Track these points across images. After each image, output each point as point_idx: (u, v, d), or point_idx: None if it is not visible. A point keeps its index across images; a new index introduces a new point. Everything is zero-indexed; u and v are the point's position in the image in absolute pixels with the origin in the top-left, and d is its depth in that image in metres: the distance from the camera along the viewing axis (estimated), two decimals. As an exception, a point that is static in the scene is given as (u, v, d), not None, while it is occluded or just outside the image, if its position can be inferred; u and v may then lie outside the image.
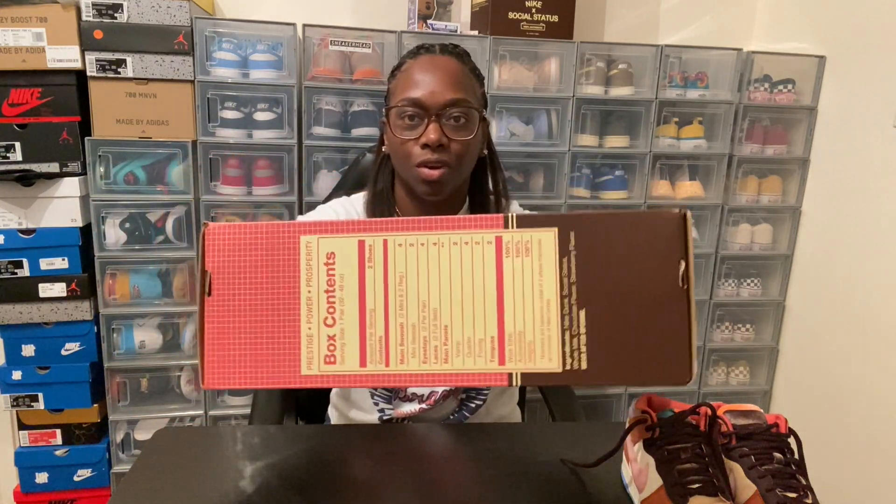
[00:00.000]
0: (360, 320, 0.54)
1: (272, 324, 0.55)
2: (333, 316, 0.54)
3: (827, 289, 1.83)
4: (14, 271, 1.58)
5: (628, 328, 0.52)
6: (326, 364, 0.54)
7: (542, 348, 0.52)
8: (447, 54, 0.96)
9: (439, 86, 0.91)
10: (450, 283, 0.53)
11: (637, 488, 0.69)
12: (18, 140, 1.55)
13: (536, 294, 0.52)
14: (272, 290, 0.55)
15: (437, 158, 0.90)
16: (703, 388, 2.02)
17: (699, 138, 1.86)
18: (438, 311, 0.53)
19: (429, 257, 0.54)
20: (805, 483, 0.64)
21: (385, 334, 0.53)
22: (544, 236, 0.53)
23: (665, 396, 0.77)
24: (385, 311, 0.54)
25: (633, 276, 0.52)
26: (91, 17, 1.52)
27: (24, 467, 1.71)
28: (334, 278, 0.55)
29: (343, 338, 0.54)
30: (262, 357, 0.55)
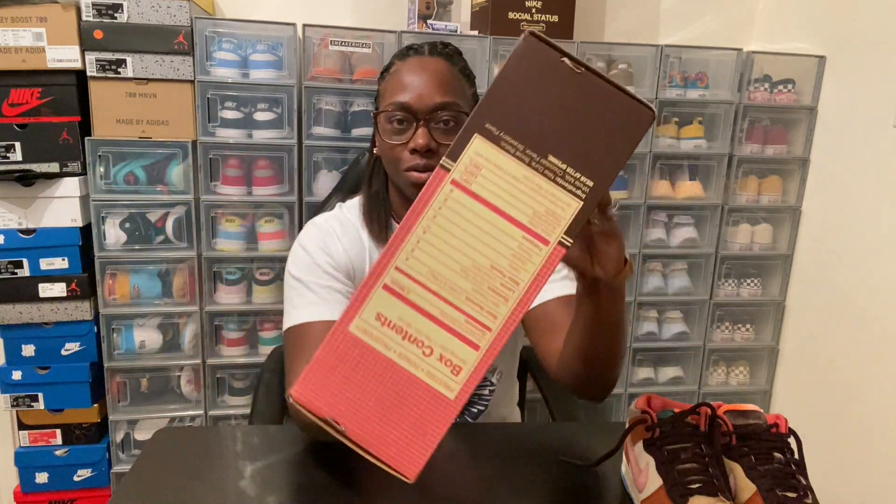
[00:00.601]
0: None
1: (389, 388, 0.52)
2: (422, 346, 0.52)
3: (827, 289, 1.83)
4: (14, 271, 1.58)
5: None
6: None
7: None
8: (436, 55, 0.94)
9: (427, 89, 0.89)
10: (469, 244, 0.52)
11: (637, 488, 0.69)
12: (18, 140, 1.55)
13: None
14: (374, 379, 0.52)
15: (426, 163, 0.89)
16: (703, 388, 2.02)
17: (699, 138, 1.86)
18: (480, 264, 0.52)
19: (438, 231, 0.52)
20: (805, 483, 0.64)
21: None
22: (477, 145, 0.53)
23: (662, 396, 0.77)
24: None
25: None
26: (91, 17, 1.52)
27: (24, 467, 1.71)
28: (395, 321, 0.52)
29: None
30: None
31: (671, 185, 1.90)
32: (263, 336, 1.77)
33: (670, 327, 1.97)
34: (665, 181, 1.89)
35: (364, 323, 0.51)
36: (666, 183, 1.89)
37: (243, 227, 1.70)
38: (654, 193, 1.87)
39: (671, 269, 1.96)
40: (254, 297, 1.74)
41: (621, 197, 1.85)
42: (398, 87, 0.91)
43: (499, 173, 0.52)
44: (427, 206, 0.52)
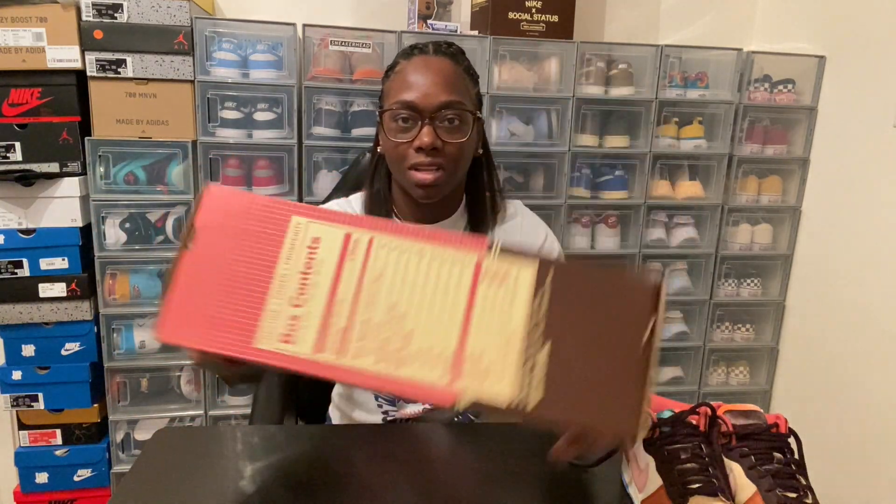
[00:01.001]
0: (326, 307, 0.54)
1: (241, 291, 0.55)
2: (302, 297, 0.54)
3: (827, 289, 1.83)
4: (14, 271, 1.58)
5: (585, 375, 0.52)
6: (281, 342, 0.54)
7: (499, 374, 0.51)
8: (441, 55, 0.95)
9: (433, 88, 0.90)
10: (422, 292, 0.54)
11: (637, 488, 0.69)
12: (18, 140, 1.55)
13: (504, 322, 0.52)
14: (251, 259, 0.56)
15: (431, 161, 0.90)
16: (703, 388, 2.02)
17: (699, 138, 1.86)
18: (406, 316, 0.53)
19: (408, 264, 0.54)
20: (805, 483, 0.64)
21: (347, 326, 0.53)
22: (523, 270, 0.54)
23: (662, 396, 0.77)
24: (353, 304, 0.54)
25: (601, 328, 0.53)
26: (91, 17, 1.52)
27: (24, 467, 1.71)
28: (313, 262, 0.55)
29: (306, 320, 0.54)
30: (222, 321, 0.55)
31: (671, 185, 1.90)
32: (263, 336, 1.76)
33: (670, 327, 1.97)
34: (665, 181, 1.89)
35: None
36: (666, 183, 1.89)
37: (243, 227, 1.70)
38: (654, 193, 1.87)
39: (671, 269, 1.96)
40: (254, 297, 1.73)
41: (621, 196, 1.85)
42: (403, 86, 0.91)
43: (508, 303, 0.54)
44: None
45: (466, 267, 0.54)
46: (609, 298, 0.54)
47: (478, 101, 0.99)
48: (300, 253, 0.55)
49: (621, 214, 1.88)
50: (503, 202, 1.05)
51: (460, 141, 0.92)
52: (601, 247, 1.88)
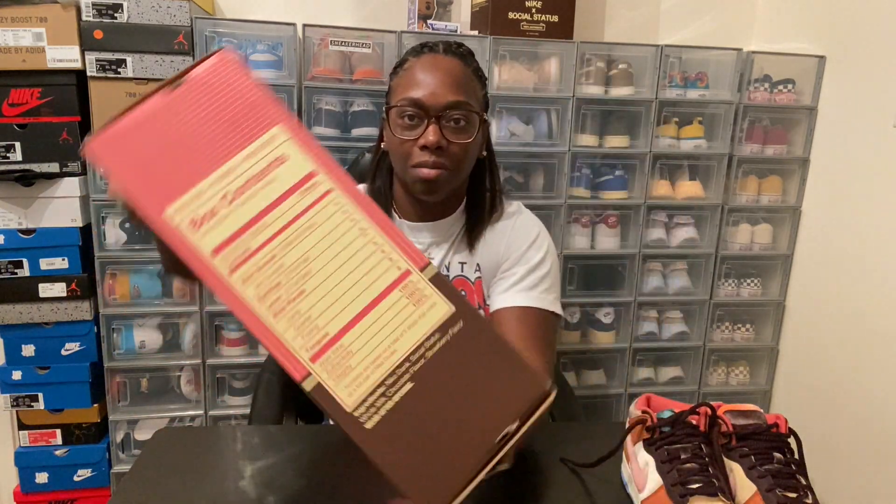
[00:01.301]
0: (249, 221, 0.52)
1: (184, 158, 0.53)
2: (235, 200, 0.52)
3: (827, 289, 1.83)
4: (14, 271, 1.58)
5: (427, 433, 0.49)
6: (189, 224, 0.52)
7: (354, 380, 0.49)
8: (451, 55, 0.95)
9: (441, 87, 0.90)
10: (340, 264, 0.52)
11: (637, 488, 0.69)
12: (18, 140, 1.55)
13: (392, 338, 0.51)
14: (213, 138, 0.53)
15: (435, 160, 0.90)
16: (703, 388, 2.02)
17: (699, 138, 1.86)
18: (311, 275, 0.51)
19: (346, 232, 0.53)
20: (805, 483, 0.64)
21: (254, 251, 0.51)
22: (440, 304, 0.52)
23: (662, 396, 0.77)
24: (274, 234, 0.52)
25: (471, 400, 0.51)
26: (91, 17, 1.52)
27: (24, 467, 1.71)
28: (265, 176, 0.53)
29: (223, 220, 0.51)
30: (151, 172, 0.52)
31: (671, 185, 1.90)
32: (263, 336, 1.76)
33: (670, 327, 1.97)
34: (665, 181, 1.89)
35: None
36: (666, 183, 1.89)
37: (243, 227, 1.70)
38: (654, 193, 1.87)
39: (671, 269, 1.96)
40: (254, 297, 1.73)
41: (621, 196, 1.85)
42: (411, 83, 0.91)
43: (408, 325, 0.52)
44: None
45: (394, 268, 0.52)
46: (497, 377, 0.52)
47: (484, 103, 0.99)
48: (260, 161, 0.53)
49: (621, 214, 1.88)
50: (503, 204, 1.04)
51: (465, 141, 0.92)
52: (601, 247, 1.88)
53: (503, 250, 1.00)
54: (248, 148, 0.54)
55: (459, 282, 1.01)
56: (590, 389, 1.96)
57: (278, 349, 0.49)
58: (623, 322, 1.93)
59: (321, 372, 0.49)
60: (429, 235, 1.01)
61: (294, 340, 0.49)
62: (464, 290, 1.00)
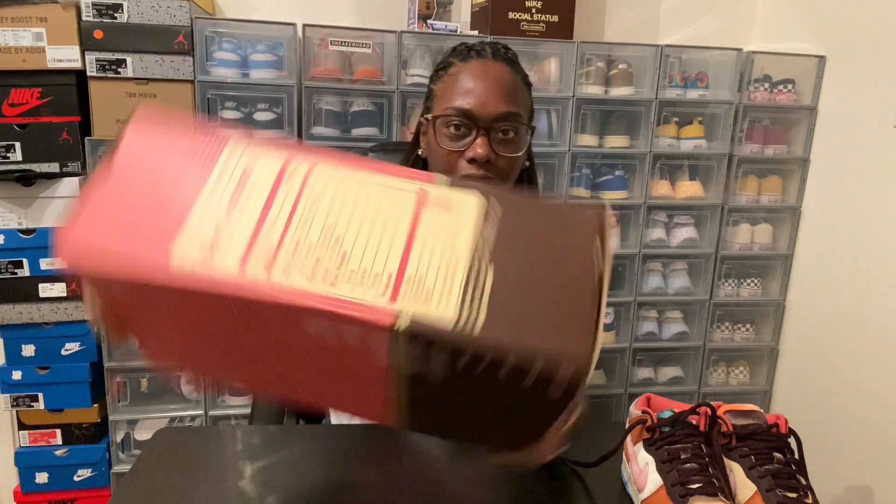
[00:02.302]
0: (256, 224, 0.50)
1: (162, 206, 0.50)
2: (231, 213, 0.50)
3: (827, 289, 1.83)
4: (14, 271, 1.58)
5: (534, 297, 0.48)
6: (203, 250, 0.48)
7: (441, 296, 0.47)
8: (500, 60, 0.89)
9: (492, 97, 0.85)
10: (362, 215, 0.51)
11: (637, 488, 0.69)
12: (18, 140, 1.55)
13: (448, 246, 0.49)
14: (180, 176, 0.51)
15: (484, 174, 0.85)
16: (703, 388, 2.02)
17: (699, 138, 1.86)
18: (342, 237, 0.49)
19: (348, 190, 0.51)
20: (805, 483, 0.64)
21: (279, 244, 0.49)
22: (468, 198, 0.52)
23: (662, 396, 0.77)
24: (286, 225, 0.50)
25: (549, 254, 0.50)
26: (91, 17, 1.52)
27: (24, 467, 1.71)
28: (245, 184, 0.51)
29: (233, 230, 0.49)
30: (136, 236, 0.48)
31: (671, 185, 1.90)
32: (263, 336, 1.76)
33: (670, 327, 1.97)
34: (665, 181, 1.89)
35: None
36: (666, 183, 1.89)
37: (243, 227, 1.70)
38: (654, 193, 1.87)
39: (671, 269, 1.96)
40: (254, 297, 1.74)
41: (621, 196, 1.85)
42: (459, 91, 0.86)
43: (453, 229, 0.51)
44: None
45: (410, 193, 0.52)
46: (557, 226, 0.52)
47: (532, 111, 0.94)
48: (233, 175, 0.52)
49: (621, 214, 1.88)
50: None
51: (514, 155, 0.87)
52: (601, 247, 1.88)
53: None
54: (215, 171, 0.52)
55: None
56: (590, 389, 1.95)
57: (355, 311, 0.46)
58: (623, 322, 1.93)
59: (407, 305, 0.47)
60: None
61: (365, 295, 0.47)
62: None
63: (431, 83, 0.93)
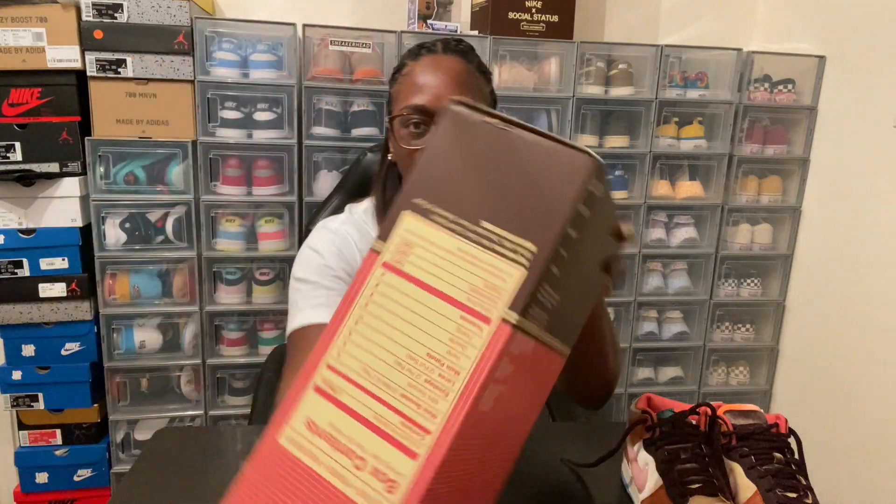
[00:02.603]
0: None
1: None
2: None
3: (827, 289, 1.83)
4: (14, 271, 1.58)
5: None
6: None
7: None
8: (450, 53, 0.89)
9: (444, 89, 0.85)
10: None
11: (637, 488, 0.69)
12: (18, 140, 1.55)
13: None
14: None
15: None
16: (703, 388, 2.02)
17: (699, 138, 1.86)
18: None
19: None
20: (805, 483, 0.64)
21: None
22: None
23: (662, 396, 0.77)
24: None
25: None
26: (91, 17, 1.52)
27: (24, 467, 1.71)
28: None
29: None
30: None
31: (671, 185, 1.90)
32: (263, 336, 1.77)
33: (670, 327, 1.97)
34: (665, 181, 1.89)
35: (293, 432, 0.43)
36: (666, 183, 1.89)
37: (243, 227, 1.70)
38: (654, 193, 1.87)
39: (671, 269, 1.96)
40: (254, 297, 1.74)
41: (621, 196, 1.85)
42: (413, 89, 0.86)
43: (432, 249, 0.45)
44: (359, 294, 0.46)
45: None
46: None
47: (492, 100, 0.94)
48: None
49: (621, 214, 1.88)
50: None
51: None
52: (601, 247, 1.88)
53: None
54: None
55: None
56: (590, 389, 1.96)
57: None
58: (623, 322, 1.93)
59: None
60: None
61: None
62: None
63: (389, 87, 0.93)
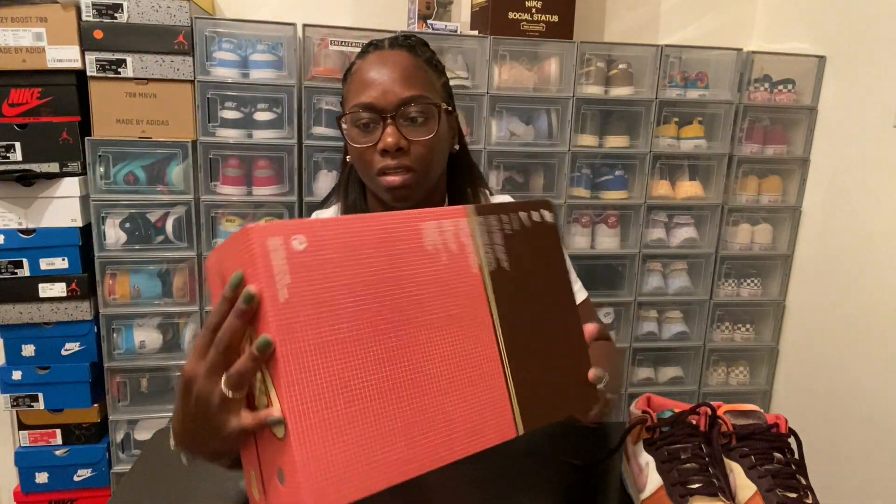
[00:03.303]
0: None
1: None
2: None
3: (827, 289, 1.83)
4: (14, 271, 1.58)
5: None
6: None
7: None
8: (397, 48, 0.86)
9: (391, 84, 0.82)
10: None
11: (637, 488, 0.69)
12: (18, 140, 1.55)
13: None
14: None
15: (399, 163, 0.82)
16: (703, 388, 2.02)
17: (699, 138, 1.86)
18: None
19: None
20: (805, 483, 0.64)
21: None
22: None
23: (662, 396, 0.77)
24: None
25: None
26: (91, 17, 1.52)
27: (24, 467, 1.71)
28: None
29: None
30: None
31: (671, 185, 1.90)
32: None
33: (670, 327, 1.97)
34: (665, 181, 1.89)
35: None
36: (666, 183, 1.89)
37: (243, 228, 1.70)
38: (654, 193, 1.87)
39: (671, 269, 1.96)
40: (254, 297, 1.73)
41: (621, 196, 1.85)
42: (360, 86, 0.84)
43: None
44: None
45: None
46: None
47: (446, 92, 0.90)
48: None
49: (621, 214, 1.88)
50: (487, 198, 0.97)
51: (426, 138, 0.83)
52: (601, 247, 1.88)
53: None
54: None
55: None
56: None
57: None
58: (623, 322, 1.93)
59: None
60: None
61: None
62: None
63: (342, 87, 0.91)
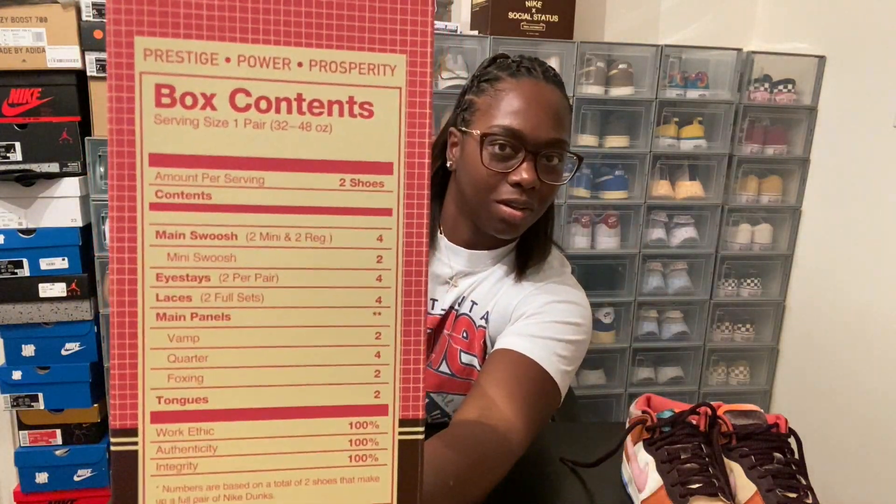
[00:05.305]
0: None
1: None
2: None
3: (827, 289, 1.83)
4: (14, 271, 1.58)
5: None
6: None
7: None
8: (551, 83, 0.83)
9: (544, 121, 0.80)
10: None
11: (637, 488, 0.69)
12: (18, 140, 1.55)
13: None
14: None
15: (526, 200, 0.80)
16: (703, 388, 2.02)
17: (699, 138, 1.86)
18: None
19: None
20: (805, 483, 0.64)
21: None
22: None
23: (662, 396, 0.77)
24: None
25: None
26: (91, 16, 1.52)
27: (24, 467, 1.71)
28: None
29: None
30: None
31: (671, 185, 1.90)
32: (263, 336, 1.77)
33: (670, 327, 1.97)
34: (665, 181, 1.89)
35: None
36: (666, 183, 1.89)
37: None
38: (655, 193, 1.87)
39: (671, 269, 1.96)
40: (254, 297, 1.74)
41: (621, 196, 1.85)
42: (509, 110, 0.80)
43: None
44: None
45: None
46: None
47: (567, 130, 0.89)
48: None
49: (621, 214, 1.88)
50: (551, 252, 0.94)
51: (556, 184, 0.83)
52: (601, 247, 1.88)
53: (519, 301, 0.85)
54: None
55: (464, 321, 0.90)
56: (590, 389, 1.96)
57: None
58: (623, 322, 1.93)
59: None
60: (464, 263, 0.90)
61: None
62: (466, 330, 0.89)
63: (472, 94, 0.86)
